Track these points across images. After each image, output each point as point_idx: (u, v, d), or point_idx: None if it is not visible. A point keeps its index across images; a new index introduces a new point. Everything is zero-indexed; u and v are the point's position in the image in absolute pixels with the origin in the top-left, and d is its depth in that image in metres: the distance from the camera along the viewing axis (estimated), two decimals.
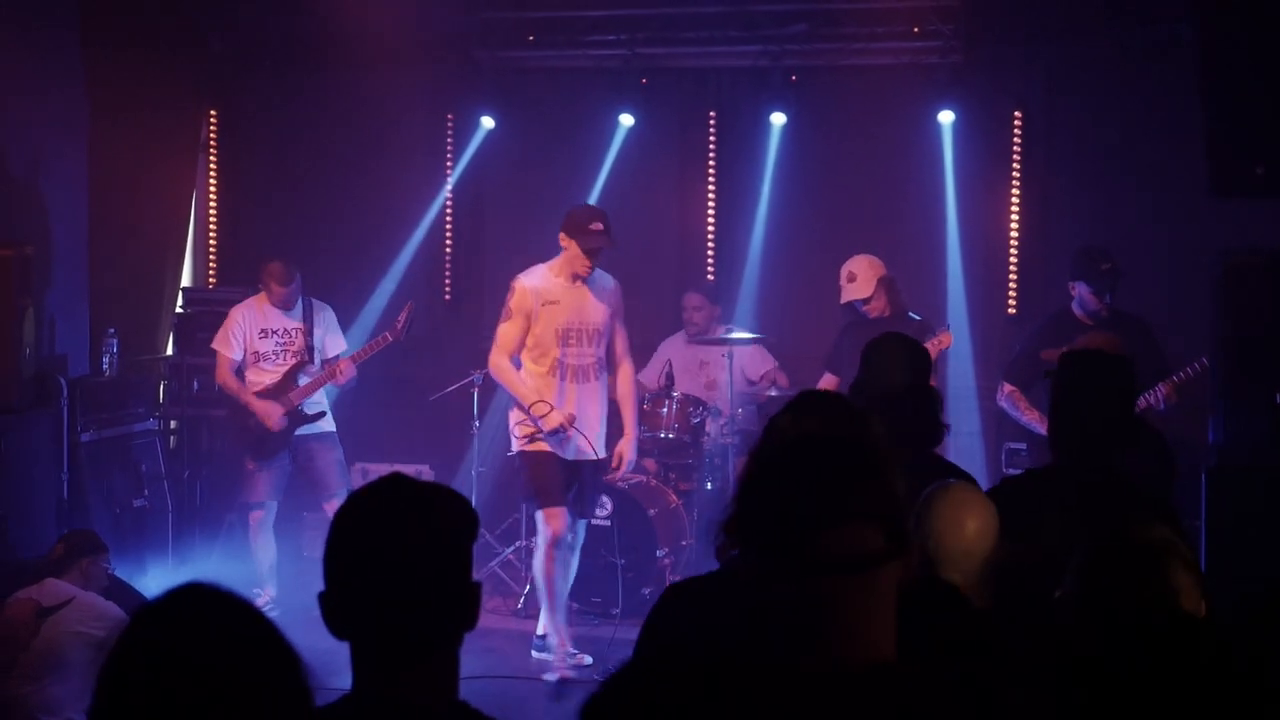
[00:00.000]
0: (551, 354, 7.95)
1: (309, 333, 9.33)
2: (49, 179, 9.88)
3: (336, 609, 2.49)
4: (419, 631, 2.47)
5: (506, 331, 7.98)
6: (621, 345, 8.20)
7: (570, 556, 8.08)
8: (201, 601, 2.09)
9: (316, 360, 9.33)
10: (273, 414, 9.16)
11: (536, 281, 7.98)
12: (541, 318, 7.92)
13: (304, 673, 2.09)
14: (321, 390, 9.33)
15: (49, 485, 8.89)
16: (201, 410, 10.26)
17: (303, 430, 9.28)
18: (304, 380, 9.25)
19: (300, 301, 9.39)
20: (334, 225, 10.87)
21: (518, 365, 8.06)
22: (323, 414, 9.35)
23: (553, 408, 7.86)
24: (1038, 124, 10.03)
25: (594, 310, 8.01)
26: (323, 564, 2.49)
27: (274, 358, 9.30)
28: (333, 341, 9.44)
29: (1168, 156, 9.38)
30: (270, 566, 9.29)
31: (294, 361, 9.29)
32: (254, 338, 9.32)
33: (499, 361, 7.99)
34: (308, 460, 9.31)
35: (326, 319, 9.49)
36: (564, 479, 7.96)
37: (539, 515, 7.92)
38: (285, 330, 9.33)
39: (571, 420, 7.90)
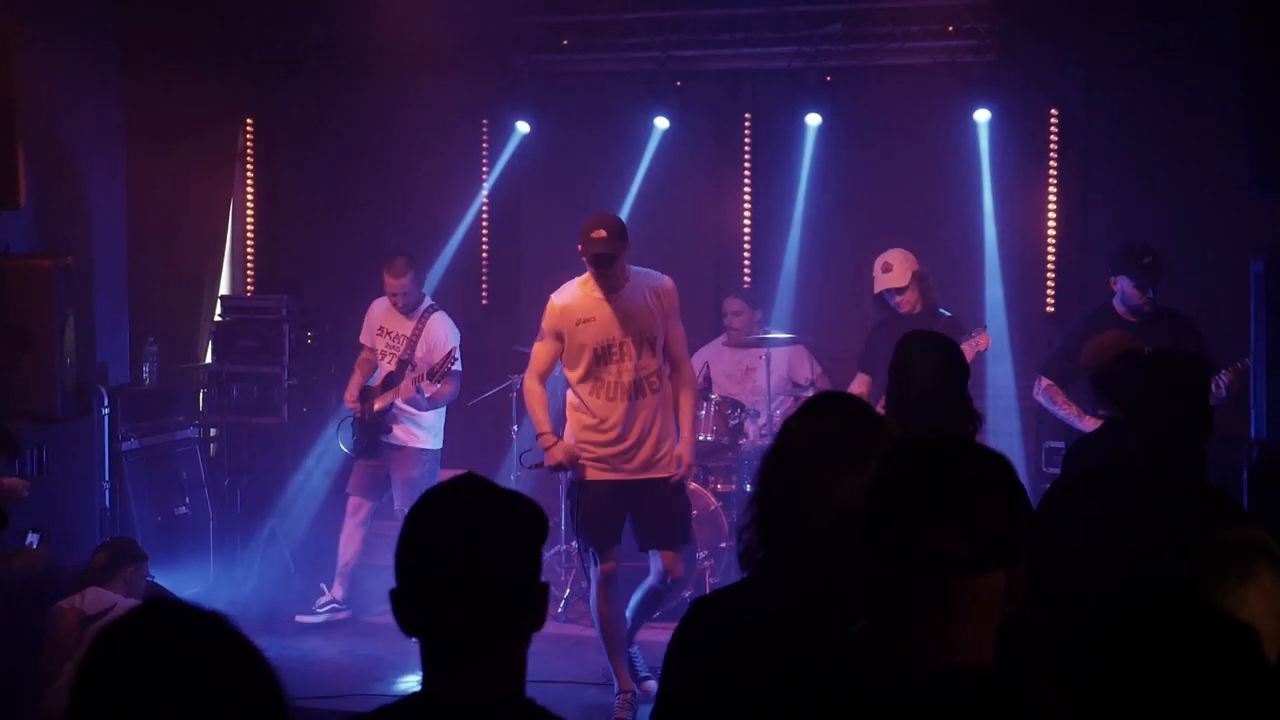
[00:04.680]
0: (593, 374, 7.38)
1: (413, 343, 9.32)
2: (89, 189, 9.97)
3: (408, 606, 2.53)
4: (489, 629, 2.51)
5: (538, 352, 7.52)
6: (676, 347, 7.52)
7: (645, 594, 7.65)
8: (166, 618, 2.11)
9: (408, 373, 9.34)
10: (354, 404, 9.32)
11: (568, 299, 7.42)
12: (576, 336, 7.36)
13: (278, 684, 2.10)
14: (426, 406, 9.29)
15: (91, 494, 8.95)
16: (241, 418, 10.30)
17: (392, 439, 9.29)
18: (389, 390, 9.30)
19: (422, 310, 9.40)
20: (371, 232, 10.90)
21: (559, 388, 7.72)
22: (393, 429, 9.32)
23: (558, 440, 7.43)
24: (1074, 121, 9.98)
25: (637, 319, 7.35)
26: (395, 561, 2.54)
27: (381, 358, 9.39)
28: (425, 357, 9.29)
29: (1205, 153, 9.34)
30: (345, 565, 9.28)
31: (391, 369, 9.33)
32: (374, 335, 9.44)
33: (528, 383, 7.52)
34: (388, 471, 9.37)
35: (434, 335, 9.33)
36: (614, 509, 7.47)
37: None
38: (396, 335, 9.36)
39: (575, 458, 7.40)
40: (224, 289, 11.13)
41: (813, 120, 10.13)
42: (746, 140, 10.65)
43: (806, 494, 3.02)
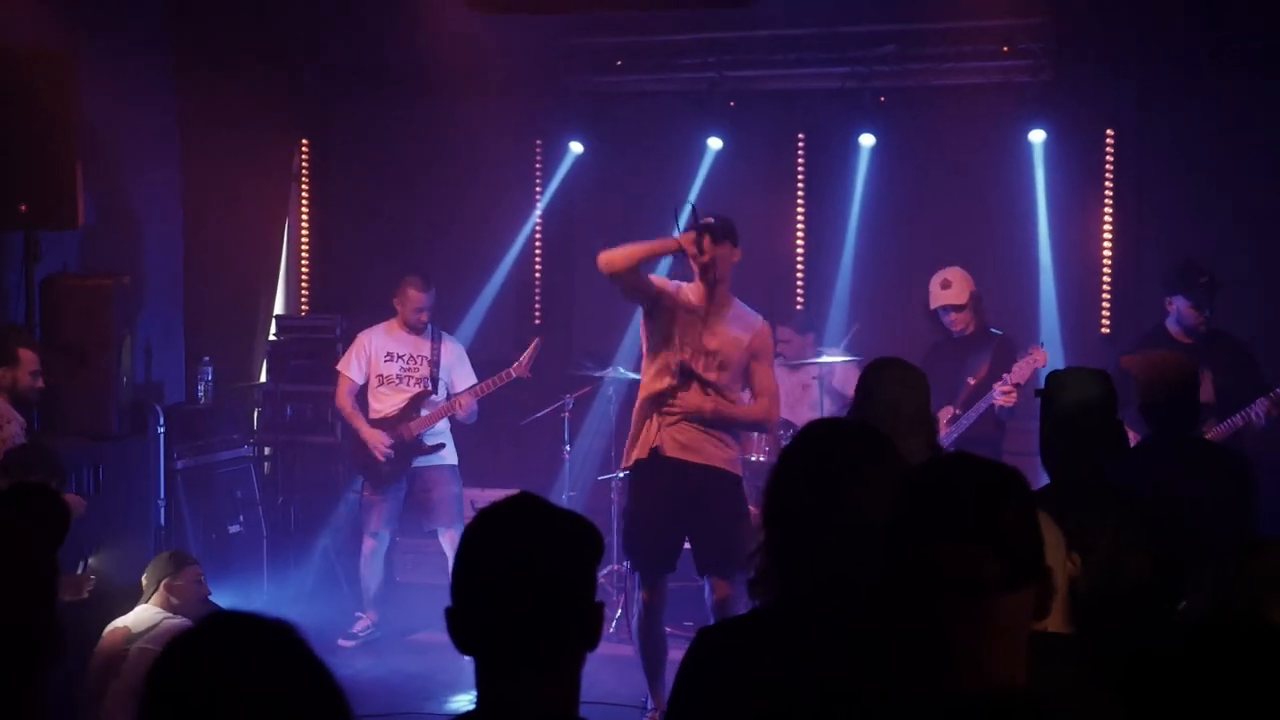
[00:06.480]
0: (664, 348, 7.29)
1: (435, 363, 9.36)
2: (144, 209, 10.04)
3: (464, 624, 2.54)
4: (544, 648, 2.51)
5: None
6: (760, 383, 7.42)
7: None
8: (235, 630, 2.12)
9: (440, 391, 9.37)
10: (380, 444, 9.21)
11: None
12: (675, 298, 7.31)
13: (343, 699, 2.12)
14: (444, 421, 9.38)
15: (146, 511, 8.99)
16: (295, 436, 10.34)
17: (421, 461, 9.32)
18: (425, 411, 9.29)
19: (429, 330, 9.44)
20: (425, 251, 10.92)
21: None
22: (442, 445, 9.37)
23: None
24: (1130, 141, 9.93)
25: (723, 338, 7.31)
26: (452, 581, 2.55)
27: (397, 382, 9.35)
28: (461, 375, 9.45)
29: (1262, 172, 9.27)
30: (376, 592, 9.35)
31: (417, 390, 9.32)
32: (379, 361, 9.38)
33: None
34: (424, 492, 9.35)
35: (456, 352, 9.51)
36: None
37: None
38: (411, 356, 9.37)
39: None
40: (278, 308, 11.18)
41: (866, 140, 10.13)
42: (800, 160, 10.64)
43: (817, 510, 3.00)
